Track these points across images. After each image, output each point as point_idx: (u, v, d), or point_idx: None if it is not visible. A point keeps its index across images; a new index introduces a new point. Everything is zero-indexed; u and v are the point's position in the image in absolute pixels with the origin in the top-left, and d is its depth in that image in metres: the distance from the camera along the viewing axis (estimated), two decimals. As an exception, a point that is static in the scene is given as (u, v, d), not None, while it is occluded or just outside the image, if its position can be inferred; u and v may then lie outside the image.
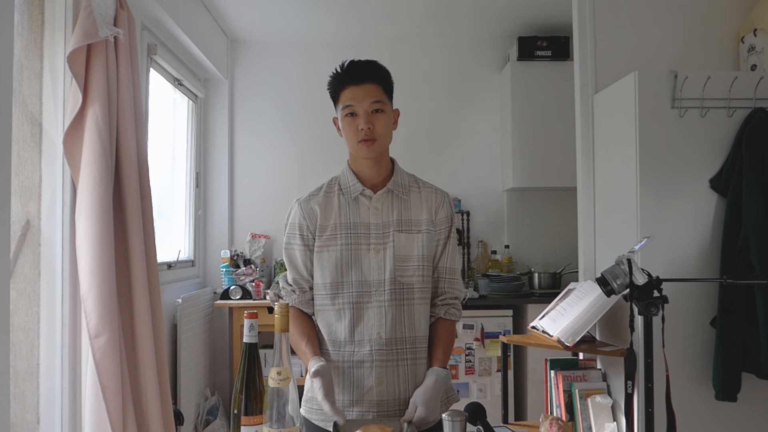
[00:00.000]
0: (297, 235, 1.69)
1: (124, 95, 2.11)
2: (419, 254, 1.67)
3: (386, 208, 1.68)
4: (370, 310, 1.65)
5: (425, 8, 3.88)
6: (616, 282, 1.84)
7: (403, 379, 1.66)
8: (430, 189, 1.75)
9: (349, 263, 1.65)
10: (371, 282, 1.65)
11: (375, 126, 1.62)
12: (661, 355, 1.85)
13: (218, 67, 4.06)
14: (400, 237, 1.66)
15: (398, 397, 1.65)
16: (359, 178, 1.69)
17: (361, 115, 1.62)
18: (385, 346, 1.64)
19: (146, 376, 2.10)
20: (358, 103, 1.62)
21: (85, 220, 1.95)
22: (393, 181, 1.70)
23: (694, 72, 2.35)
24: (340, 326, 1.66)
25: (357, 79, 1.63)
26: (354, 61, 1.67)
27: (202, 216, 4.26)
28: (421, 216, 1.70)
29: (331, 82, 1.68)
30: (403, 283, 1.66)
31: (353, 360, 1.65)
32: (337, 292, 1.66)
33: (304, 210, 1.69)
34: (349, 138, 1.65)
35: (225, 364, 4.16)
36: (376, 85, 1.64)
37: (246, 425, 1.21)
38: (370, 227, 1.67)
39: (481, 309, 3.73)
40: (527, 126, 4.06)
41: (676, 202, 2.35)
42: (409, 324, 1.66)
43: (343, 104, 1.64)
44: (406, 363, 1.66)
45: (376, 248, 1.66)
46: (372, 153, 1.64)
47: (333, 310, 1.66)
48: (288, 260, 1.72)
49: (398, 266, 1.65)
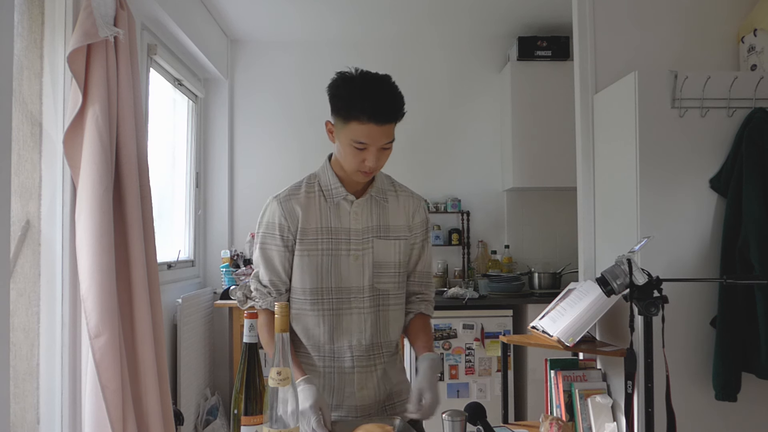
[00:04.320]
0: (276, 236, 1.63)
1: (124, 95, 2.11)
2: (396, 261, 1.67)
3: (366, 214, 1.65)
4: (350, 317, 1.63)
5: (425, 8, 3.88)
6: (616, 282, 1.84)
7: (382, 382, 1.67)
8: (406, 194, 1.74)
9: (329, 269, 1.62)
10: (351, 288, 1.63)
11: (380, 161, 1.56)
12: (661, 355, 1.85)
13: (218, 67, 4.06)
14: (378, 243, 1.65)
15: (377, 399, 1.67)
16: (342, 181, 1.65)
17: (371, 152, 1.53)
18: (365, 352, 1.64)
19: (146, 376, 2.10)
20: (372, 143, 1.52)
21: (85, 220, 1.95)
22: (375, 187, 1.67)
23: (694, 72, 2.35)
24: (319, 331, 1.64)
25: (379, 120, 1.49)
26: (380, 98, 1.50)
27: (202, 216, 4.26)
28: (399, 222, 1.69)
29: (343, 96, 1.52)
30: (380, 289, 1.65)
31: (334, 366, 1.64)
32: (317, 297, 1.63)
33: (285, 210, 1.63)
34: (346, 162, 1.57)
35: (225, 364, 4.16)
36: (393, 124, 1.54)
37: (246, 425, 1.21)
38: (350, 233, 1.64)
39: (481, 309, 3.72)
40: (527, 126, 4.06)
41: (676, 202, 2.35)
42: (384, 330, 1.67)
43: (353, 136, 1.51)
44: (383, 367, 1.67)
45: (356, 254, 1.63)
46: (367, 179, 1.62)
47: (312, 315, 1.64)
48: (264, 260, 1.65)
49: (376, 272, 1.64)
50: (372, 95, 1.49)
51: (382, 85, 1.52)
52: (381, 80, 1.53)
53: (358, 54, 4.23)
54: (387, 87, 1.52)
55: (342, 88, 1.53)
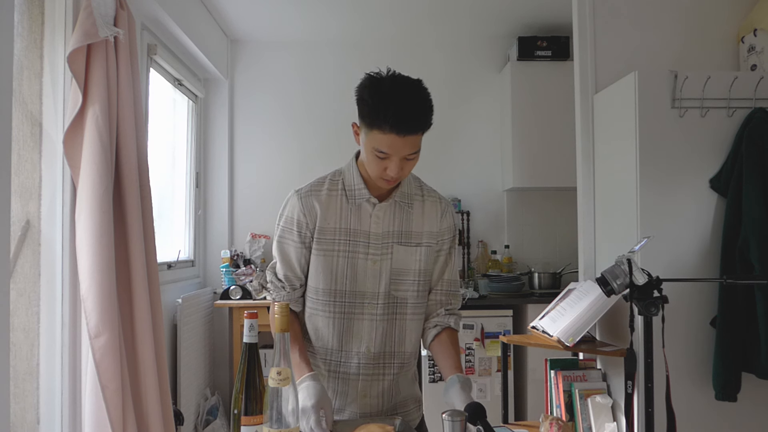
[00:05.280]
0: (294, 231, 1.60)
1: (124, 95, 2.11)
2: (417, 269, 1.61)
3: (388, 218, 1.60)
4: (361, 322, 1.60)
5: (425, 8, 3.88)
6: (616, 282, 1.84)
7: (388, 393, 1.64)
8: (433, 198, 1.67)
9: (344, 271, 1.59)
10: (365, 293, 1.59)
11: (404, 170, 1.50)
12: (661, 355, 1.85)
13: (218, 67, 4.05)
14: (399, 249, 1.60)
15: (381, 409, 1.63)
16: (366, 182, 1.60)
17: (394, 162, 1.47)
18: (372, 360, 1.61)
19: (146, 376, 2.10)
20: (394, 153, 1.46)
21: (85, 220, 1.95)
22: (400, 192, 1.61)
23: (694, 72, 2.35)
24: (328, 333, 1.61)
25: (402, 131, 1.42)
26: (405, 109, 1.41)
27: (202, 216, 4.26)
28: (422, 228, 1.62)
29: (368, 102, 1.44)
30: (397, 297, 1.60)
31: (339, 370, 1.62)
32: (329, 299, 1.60)
33: (305, 205, 1.59)
34: (370, 167, 1.52)
35: (225, 364, 4.16)
36: (419, 135, 1.47)
37: (246, 425, 1.21)
38: (369, 236, 1.59)
39: (481, 309, 3.72)
40: (527, 126, 4.06)
41: (676, 202, 2.35)
42: (399, 339, 1.62)
43: (376, 147, 1.46)
44: (391, 377, 1.63)
45: (374, 259, 1.59)
46: (390, 186, 1.57)
47: (323, 316, 1.61)
48: (280, 254, 1.63)
49: (394, 279, 1.60)
50: (397, 104, 1.40)
51: (409, 92, 1.43)
52: (410, 87, 1.44)
53: (357, 54, 4.23)
54: (415, 95, 1.44)
55: (367, 92, 1.45)
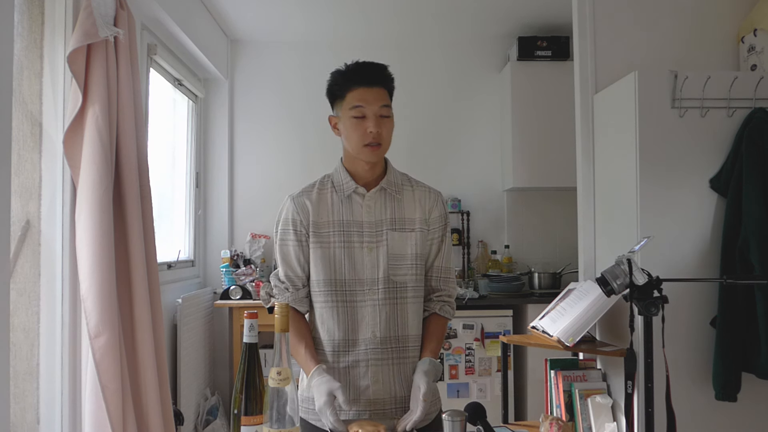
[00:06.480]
0: (290, 230, 1.68)
1: (124, 95, 2.11)
2: (413, 253, 1.68)
3: (379, 207, 1.69)
4: (364, 309, 1.66)
5: (425, 8, 3.88)
6: (616, 282, 1.83)
7: (398, 378, 1.67)
8: (423, 188, 1.76)
9: (342, 261, 1.66)
10: (365, 280, 1.66)
11: (382, 131, 1.62)
12: (661, 355, 1.85)
13: (218, 67, 4.06)
14: (393, 235, 1.67)
15: (393, 395, 1.66)
16: (353, 176, 1.70)
17: (370, 117, 1.61)
18: (379, 345, 1.65)
19: (146, 376, 2.10)
20: (368, 105, 1.61)
21: (85, 220, 1.95)
22: (386, 179, 1.70)
23: (694, 72, 2.35)
24: (334, 324, 1.66)
25: (368, 81, 1.63)
26: (365, 62, 1.66)
27: (202, 216, 4.26)
28: (414, 215, 1.71)
29: (337, 80, 1.66)
30: (396, 281, 1.67)
31: (348, 360, 1.66)
32: (331, 289, 1.66)
33: (298, 205, 1.69)
34: (352, 139, 1.64)
35: (225, 364, 4.16)
36: (384, 90, 1.65)
37: (246, 425, 1.21)
38: (363, 225, 1.67)
39: (481, 309, 3.73)
40: (527, 126, 4.06)
41: (676, 202, 2.35)
42: (402, 323, 1.68)
43: (350, 104, 1.62)
44: (399, 361, 1.67)
45: (369, 246, 1.66)
46: (375, 158, 1.65)
47: (327, 307, 1.67)
48: (281, 256, 1.71)
49: (392, 265, 1.66)
50: (358, 65, 1.66)
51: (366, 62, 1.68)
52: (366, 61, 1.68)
53: (357, 54, 4.18)
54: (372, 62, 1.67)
55: (334, 75, 1.68)
